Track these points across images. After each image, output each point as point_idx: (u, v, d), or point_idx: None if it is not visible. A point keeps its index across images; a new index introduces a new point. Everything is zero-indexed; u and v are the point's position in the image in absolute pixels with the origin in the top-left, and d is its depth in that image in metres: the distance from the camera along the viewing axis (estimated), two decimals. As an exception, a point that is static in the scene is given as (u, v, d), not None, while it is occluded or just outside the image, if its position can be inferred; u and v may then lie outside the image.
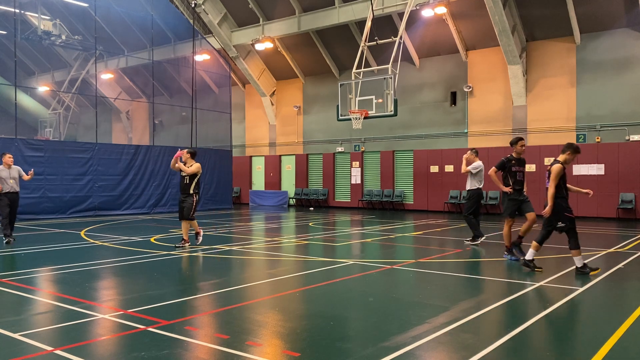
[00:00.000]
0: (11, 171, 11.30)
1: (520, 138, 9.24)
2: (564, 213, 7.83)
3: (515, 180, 9.05)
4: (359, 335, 4.95)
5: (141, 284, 7.24)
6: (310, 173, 26.59)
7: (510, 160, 9.10)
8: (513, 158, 9.13)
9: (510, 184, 9.07)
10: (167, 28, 24.26)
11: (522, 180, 9.16)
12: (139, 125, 32.13)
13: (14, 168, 11.39)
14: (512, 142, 9.27)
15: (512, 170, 9.05)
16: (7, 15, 22.24)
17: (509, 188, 9.05)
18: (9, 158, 11.32)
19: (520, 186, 9.12)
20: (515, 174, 9.05)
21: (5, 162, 11.27)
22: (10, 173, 11.27)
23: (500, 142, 20.92)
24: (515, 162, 9.10)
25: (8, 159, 11.30)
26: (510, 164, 9.06)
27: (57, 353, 4.28)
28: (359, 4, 21.04)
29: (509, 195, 9.12)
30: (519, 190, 9.12)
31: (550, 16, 19.06)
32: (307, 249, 11.10)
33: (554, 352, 4.47)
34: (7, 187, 11.08)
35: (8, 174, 11.24)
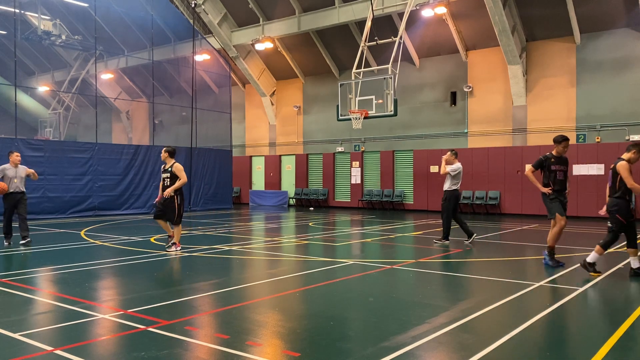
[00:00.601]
0: (18, 170, 10.85)
1: (566, 138, 8.58)
2: (617, 215, 7.60)
3: (554, 179, 8.47)
4: (359, 335, 4.95)
5: (141, 284, 7.23)
6: (310, 173, 26.59)
7: (549, 158, 8.53)
8: (552, 156, 8.55)
9: (550, 185, 8.48)
10: (167, 28, 24.26)
11: (563, 180, 8.55)
12: (139, 125, 32.13)
13: (21, 167, 10.94)
14: (556, 139, 8.63)
15: (551, 169, 8.49)
16: (7, 15, 22.23)
17: (549, 189, 8.47)
18: (16, 157, 10.85)
19: (560, 186, 8.50)
20: (555, 173, 8.48)
21: (12, 161, 10.80)
22: (16, 172, 10.82)
23: (500, 142, 20.93)
24: (555, 161, 8.52)
25: (16, 157, 10.83)
26: (548, 162, 8.50)
27: (57, 353, 4.28)
28: (359, 4, 21.04)
29: (549, 195, 8.49)
30: (559, 191, 8.50)
31: (550, 16, 19.06)
32: (307, 249, 11.10)
33: (554, 352, 4.47)
34: (12, 186, 10.61)
35: (14, 172, 10.79)
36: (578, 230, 14.55)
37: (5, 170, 10.63)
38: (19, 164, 10.91)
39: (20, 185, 10.76)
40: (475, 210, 21.24)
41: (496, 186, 20.82)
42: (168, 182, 9.84)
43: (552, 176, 8.49)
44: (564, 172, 8.57)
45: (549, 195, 8.48)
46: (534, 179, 8.52)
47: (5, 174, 10.61)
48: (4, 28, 24.40)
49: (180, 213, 9.88)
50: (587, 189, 18.87)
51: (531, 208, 20.00)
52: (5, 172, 10.64)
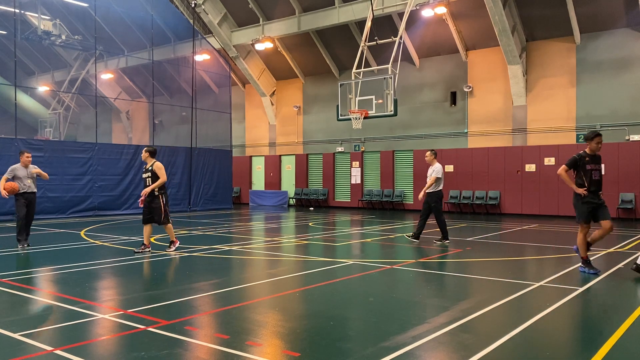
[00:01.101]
0: (28, 170, 10.65)
1: (598, 133, 7.94)
2: None
3: (590, 180, 7.83)
4: (359, 335, 4.95)
5: (141, 284, 7.23)
6: (310, 173, 26.60)
7: (584, 157, 7.90)
8: (587, 155, 7.92)
9: (585, 185, 7.85)
10: (167, 28, 24.26)
11: (599, 180, 7.92)
12: (139, 125, 32.13)
13: (31, 167, 10.74)
14: (587, 136, 8.01)
15: (586, 169, 7.84)
16: (7, 15, 22.23)
17: (583, 190, 7.83)
18: (27, 157, 10.62)
19: (596, 187, 7.87)
20: (590, 172, 7.84)
21: (22, 161, 10.60)
22: (27, 172, 10.63)
23: (500, 142, 20.93)
24: (590, 160, 7.90)
25: (26, 158, 10.60)
26: (583, 161, 7.87)
27: (57, 353, 4.28)
28: (359, 4, 21.04)
29: (582, 197, 7.88)
30: (595, 192, 7.89)
31: (550, 16, 19.06)
32: (307, 249, 11.10)
33: (554, 352, 4.47)
34: (24, 186, 10.44)
35: (25, 173, 10.59)
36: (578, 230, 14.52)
37: (15, 171, 10.47)
38: (30, 164, 10.71)
39: (32, 186, 10.61)
40: (475, 210, 21.24)
41: (496, 186, 20.82)
42: (149, 181, 9.90)
43: (587, 176, 7.86)
44: (599, 171, 7.98)
45: (582, 197, 7.88)
46: (568, 179, 7.92)
47: (15, 174, 10.44)
48: (4, 28, 24.40)
49: (166, 212, 9.92)
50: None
51: (531, 208, 20.01)
52: (16, 173, 10.46)
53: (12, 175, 10.37)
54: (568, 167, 7.95)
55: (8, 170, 10.44)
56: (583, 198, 7.88)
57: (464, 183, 21.50)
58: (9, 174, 10.38)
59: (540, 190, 19.87)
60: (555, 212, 19.45)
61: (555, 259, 9.48)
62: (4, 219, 16.74)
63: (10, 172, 10.43)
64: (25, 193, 10.48)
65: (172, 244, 10.04)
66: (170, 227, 10.07)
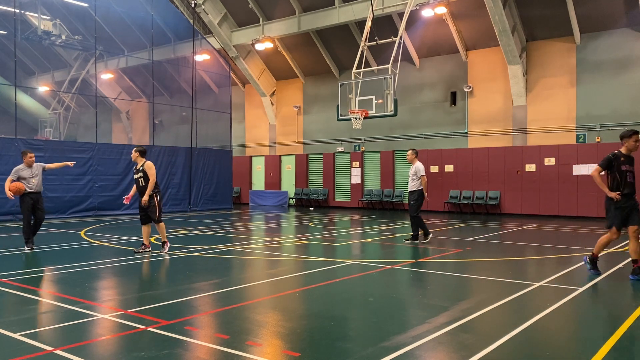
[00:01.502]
0: (33, 170, 10.40)
1: (635, 131, 7.35)
2: None
3: (625, 182, 7.30)
4: (359, 335, 4.95)
5: (141, 284, 7.23)
6: (310, 173, 26.59)
7: (619, 157, 7.36)
8: (622, 154, 7.38)
9: (619, 188, 7.33)
10: (167, 28, 24.26)
11: (633, 182, 7.37)
12: (139, 125, 32.13)
13: (36, 166, 10.49)
14: (623, 135, 7.44)
15: (621, 170, 7.31)
16: (7, 15, 22.23)
17: (616, 194, 7.29)
18: (30, 157, 10.39)
19: (630, 189, 7.32)
20: (625, 174, 7.30)
21: (26, 161, 10.36)
22: (32, 172, 10.38)
23: (500, 142, 20.93)
24: (625, 160, 7.36)
25: (29, 158, 10.38)
26: (618, 161, 7.32)
27: (57, 353, 4.28)
28: (359, 4, 21.05)
29: (615, 202, 7.33)
30: (629, 195, 7.33)
31: (550, 16, 19.06)
32: (307, 249, 11.10)
33: (554, 352, 4.47)
34: (30, 187, 10.19)
35: (30, 173, 10.35)
36: (578, 230, 14.55)
37: (19, 172, 10.26)
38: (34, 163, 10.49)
39: (38, 185, 10.40)
40: (475, 210, 21.24)
41: (496, 186, 20.82)
42: (142, 182, 9.93)
43: (622, 178, 7.31)
44: (633, 173, 7.45)
45: (615, 201, 7.33)
46: (600, 182, 7.41)
47: (20, 175, 10.23)
48: (4, 28, 24.41)
49: (161, 210, 10.06)
50: (587, 189, 18.87)
51: (531, 208, 20.01)
52: (20, 173, 10.24)
53: (16, 176, 10.20)
54: (602, 167, 7.46)
55: (12, 172, 10.30)
56: (616, 203, 7.35)
57: (464, 183, 21.49)
58: (14, 175, 10.22)
59: (540, 190, 19.86)
60: (555, 212, 19.45)
61: (555, 259, 9.48)
62: (4, 219, 16.74)
63: (15, 173, 10.27)
64: (31, 193, 10.26)
65: (164, 244, 10.01)
66: (163, 227, 10.09)
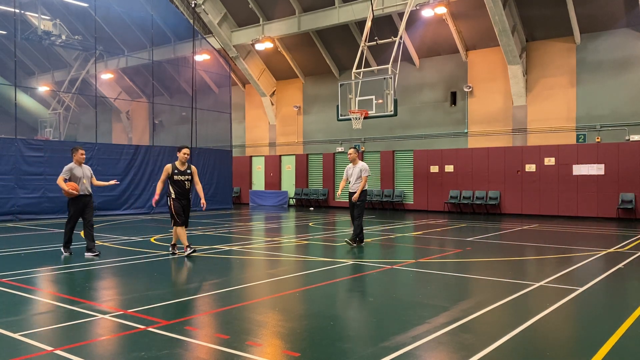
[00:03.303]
0: (84, 170, 9.57)
1: None
2: None
3: None
4: (359, 335, 4.95)
5: (141, 284, 7.23)
6: (310, 173, 26.59)
7: None
8: None
9: None
10: (167, 28, 24.26)
11: None
12: (139, 125, 32.13)
13: (85, 167, 9.67)
14: None
15: None
16: (7, 15, 22.22)
17: None
18: (81, 154, 9.55)
19: None
20: None
21: (77, 159, 9.51)
22: (83, 172, 9.51)
23: (500, 142, 20.93)
24: None
25: (80, 155, 9.53)
26: None
27: (57, 353, 4.28)
28: (359, 4, 21.05)
29: None
30: None
31: (550, 16, 19.06)
32: (307, 249, 11.10)
33: (554, 352, 4.47)
34: (81, 188, 9.39)
35: (81, 172, 9.46)
36: (578, 231, 14.55)
37: (72, 170, 9.38)
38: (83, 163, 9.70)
39: (88, 187, 9.57)
40: (475, 210, 21.23)
41: (496, 186, 20.82)
42: (188, 184, 9.60)
43: None
44: None
45: None
46: None
47: (72, 173, 9.36)
48: (4, 28, 24.40)
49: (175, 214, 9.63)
50: (587, 189, 18.88)
51: (531, 208, 20.01)
52: (73, 172, 9.37)
53: (68, 176, 9.32)
54: None
55: (64, 170, 9.36)
56: None
57: (464, 183, 21.49)
58: (66, 174, 9.30)
59: (540, 190, 19.86)
60: (555, 212, 19.45)
61: (555, 259, 9.48)
62: (4, 219, 16.75)
63: (67, 172, 9.33)
64: (82, 196, 9.42)
65: (173, 247, 9.77)
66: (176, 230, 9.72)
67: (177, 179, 9.47)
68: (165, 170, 9.50)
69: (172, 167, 9.48)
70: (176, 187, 9.48)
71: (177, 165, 9.52)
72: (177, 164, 9.53)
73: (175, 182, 9.48)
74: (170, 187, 9.50)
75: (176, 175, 9.47)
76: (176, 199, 9.50)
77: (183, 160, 9.55)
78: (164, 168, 9.57)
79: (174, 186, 9.48)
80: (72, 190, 9.16)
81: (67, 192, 9.18)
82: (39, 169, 17.77)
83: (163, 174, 9.55)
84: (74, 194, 9.21)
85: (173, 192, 9.49)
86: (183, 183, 9.52)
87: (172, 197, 9.49)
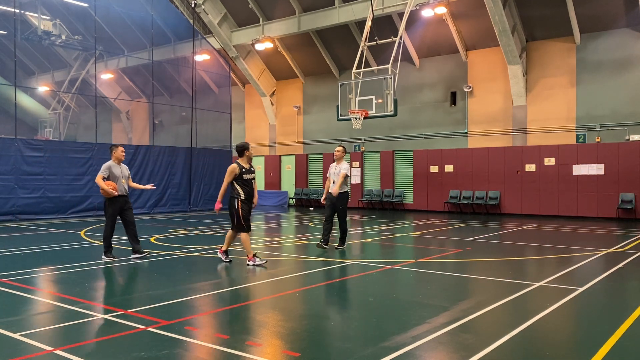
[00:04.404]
0: (122, 169, 9.10)
1: None
2: None
3: None
4: (359, 335, 4.95)
5: (141, 284, 7.23)
6: (310, 173, 26.59)
7: None
8: None
9: None
10: (167, 28, 24.25)
11: None
12: (139, 125, 32.13)
13: (124, 166, 9.22)
14: None
15: None
16: (7, 15, 22.21)
17: None
18: (121, 152, 9.06)
19: None
20: None
21: (116, 157, 9.02)
22: (122, 171, 9.04)
23: (500, 142, 20.93)
24: None
25: (120, 152, 9.05)
26: None
27: (57, 353, 4.28)
28: (359, 4, 21.04)
29: None
30: None
31: (550, 16, 19.06)
32: (307, 249, 11.10)
33: (554, 352, 4.47)
34: (120, 188, 8.89)
35: (120, 171, 8.98)
36: (578, 231, 14.55)
37: (111, 169, 8.88)
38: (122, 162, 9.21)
39: (126, 187, 9.08)
40: (475, 210, 21.23)
41: (496, 186, 20.82)
42: (254, 183, 8.82)
43: None
44: None
45: None
46: None
47: (111, 172, 8.86)
48: (4, 28, 24.39)
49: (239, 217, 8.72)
50: (587, 189, 18.88)
51: (531, 208, 20.01)
52: (112, 171, 8.87)
53: (107, 174, 8.81)
54: None
55: (103, 168, 8.85)
56: None
57: (464, 183, 21.49)
58: (105, 172, 8.80)
59: (540, 190, 19.86)
60: (555, 212, 19.45)
61: (555, 259, 9.48)
62: (4, 219, 16.74)
63: (106, 170, 8.83)
64: (120, 196, 8.93)
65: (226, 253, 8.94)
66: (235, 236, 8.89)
67: (247, 178, 8.65)
68: (232, 171, 8.58)
69: (239, 167, 8.61)
70: (246, 188, 8.65)
71: (242, 164, 8.67)
72: (242, 163, 8.68)
73: (246, 182, 8.64)
74: (239, 188, 8.61)
75: (245, 174, 8.62)
76: (245, 200, 8.64)
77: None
78: (229, 169, 8.64)
79: (244, 187, 8.62)
80: (112, 190, 8.70)
81: (106, 191, 8.68)
82: (39, 169, 17.76)
83: (228, 175, 8.61)
84: (114, 193, 8.72)
85: (243, 194, 8.60)
86: (251, 182, 8.74)
87: (242, 199, 8.58)
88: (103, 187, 8.68)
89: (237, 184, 8.62)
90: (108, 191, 8.67)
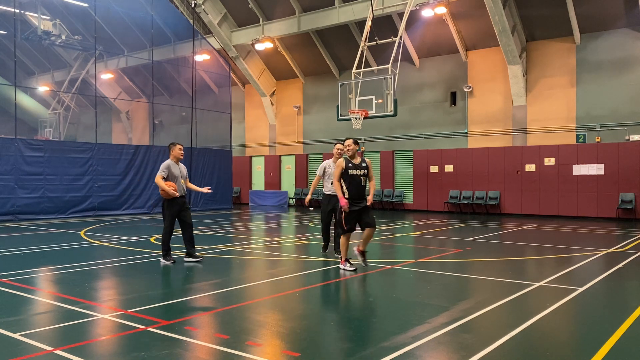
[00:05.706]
0: (181, 168, 8.68)
1: None
2: None
3: None
4: (359, 335, 4.95)
5: (141, 284, 7.23)
6: (310, 173, 26.58)
7: None
8: None
9: None
10: (167, 28, 24.26)
11: None
12: (139, 125, 32.13)
13: (182, 165, 8.79)
14: None
15: None
16: (7, 15, 22.24)
17: None
18: (179, 150, 8.65)
19: None
20: None
21: (174, 155, 8.61)
22: (180, 170, 8.61)
23: (500, 142, 20.93)
24: None
25: (179, 151, 8.63)
26: None
27: (57, 353, 4.28)
28: (359, 4, 21.04)
29: None
30: None
31: (550, 16, 19.06)
32: (307, 249, 11.10)
33: (554, 352, 4.47)
34: (179, 188, 8.46)
35: (179, 171, 8.55)
36: (578, 231, 14.55)
37: (170, 168, 8.46)
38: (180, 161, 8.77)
39: (184, 187, 8.66)
40: (475, 210, 21.23)
41: (496, 186, 20.82)
42: (364, 180, 7.94)
43: None
44: None
45: None
46: None
47: (170, 172, 8.44)
48: (4, 28, 24.41)
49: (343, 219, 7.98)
50: (587, 189, 18.87)
51: (531, 208, 20.01)
52: (171, 170, 8.45)
53: (167, 174, 8.42)
54: None
55: (162, 167, 8.46)
56: None
57: (464, 183, 21.49)
58: (164, 172, 8.40)
59: (540, 190, 19.87)
60: (555, 212, 19.45)
61: (555, 259, 9.48)
62: (4, 219, 16.75)
63: (165, 170, 8.43)
64: (180, 197, 8.51)
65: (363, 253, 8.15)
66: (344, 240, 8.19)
67: (353, 174, 7.82)
68: (339, 165, 7.84)
69: (345, 161, 7.86)
70: (352, 186, 7.82)
71: (350, 159, 7.92)
72: (349, 157, 7.94)
73: (352, 177, 7.82)
74: (343, 185, 7.86)
75: (351, 169, 7.83)
76: (350, 199, 7.81)
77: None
78: (337, 164, 7.97)
79: (349, 184, 7.84)
80: (174, 190, 8.28)
81: (166, 192, 8.27)
82: (39, 169, 17.77)
83: (336, 170, 7.87)
84: (175, 194, 8.29)
85: (347, 192, 7.83)
86: (359, 179, 7.87)
87: (346, 198, 7.82)
88: (164, 188, 8.26)
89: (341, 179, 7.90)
90: (169, 192, 8.26)
